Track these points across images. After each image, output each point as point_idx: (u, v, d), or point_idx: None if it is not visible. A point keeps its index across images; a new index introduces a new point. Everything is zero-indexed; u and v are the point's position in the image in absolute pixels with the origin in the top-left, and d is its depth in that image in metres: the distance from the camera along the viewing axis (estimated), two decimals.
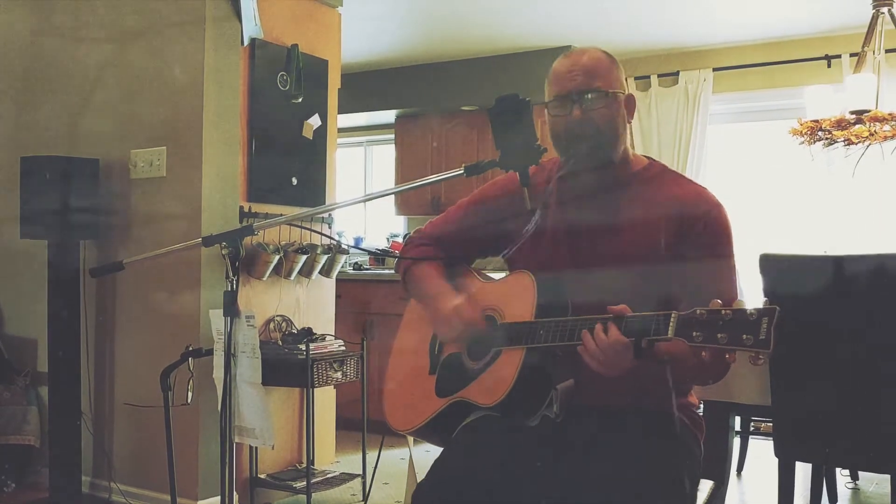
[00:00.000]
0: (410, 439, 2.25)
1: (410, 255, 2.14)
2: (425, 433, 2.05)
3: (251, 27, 3.76)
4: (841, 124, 4.07)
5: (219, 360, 2.69)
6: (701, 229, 1.82)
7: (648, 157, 1.99)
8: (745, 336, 1.47)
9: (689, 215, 1.83)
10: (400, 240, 6.45)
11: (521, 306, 1.84)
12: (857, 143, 4.08)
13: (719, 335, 1.50)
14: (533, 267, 1.89)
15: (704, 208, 1.84)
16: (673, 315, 1.57)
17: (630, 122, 1.94)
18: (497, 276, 2.07)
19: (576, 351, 1.70)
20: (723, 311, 1.51)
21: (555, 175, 1.97)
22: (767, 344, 1.46)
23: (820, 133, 4.17)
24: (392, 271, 5.66)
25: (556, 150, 1.93)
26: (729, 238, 1.85)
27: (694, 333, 1.52)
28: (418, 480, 1.89)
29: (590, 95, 1.85)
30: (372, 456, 4.09)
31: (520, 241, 1.96)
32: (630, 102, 1.94)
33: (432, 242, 2.15)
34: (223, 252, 1.98)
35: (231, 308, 1.97)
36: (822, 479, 3.44)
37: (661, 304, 1.66)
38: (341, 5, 4.31)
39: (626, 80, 1.97)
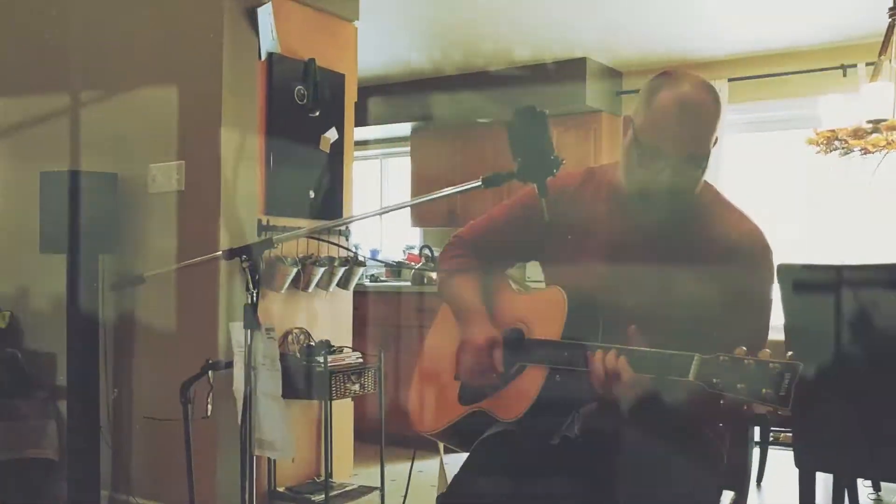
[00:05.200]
0: (441, 445, 2.26)
1: (448, 261, 2.13)
2: (445, 437, 2.05)
3: (268, 41, 3.78)
4: (857, 133, 4.05)
5: (239, 372, 2.70)
6: (746, 267, 1.78)
7: (703, 181, 1.90)
8: (764, 391, 1.44)
9: (736, 251, 1.78)
10: (416, 252, 6.46)
11: (551, 323, 1.83)
12: (873, 153, 4.07)
13: (739, 385, 1.47)
14: (569, 280, 1.87)
15: (753, 247, 1.80)
16: (696, 357, 1.54)
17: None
18: (533, 285, 2.07)
19: None
20: (745, 361, 1.48)
21: (605, 191, 1.93)
22: (787, 402, 1.42)
23: (836, 142, 4.16)
24: (409, 283, 5.68)
25: (626, 179, 1.85)
26: (771, 279, 1.83)
27: (714, 380, 1.50)
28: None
29: (684, 163, 1.75)
30: (390, 469, 4.09)
31: (554, 252, 1.96)
32: (714, 146, 1.83)
33: (470, 248, 2.13)
34: (243, 265, 1.99)
35: (251, 320, 1.98)
36: (844, 490, 3.40)
37: (691, 333, 1.65)
38: (357, 19, 4.33)
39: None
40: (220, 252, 2.10)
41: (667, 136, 1.75)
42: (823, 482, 3.13)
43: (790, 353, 1.47)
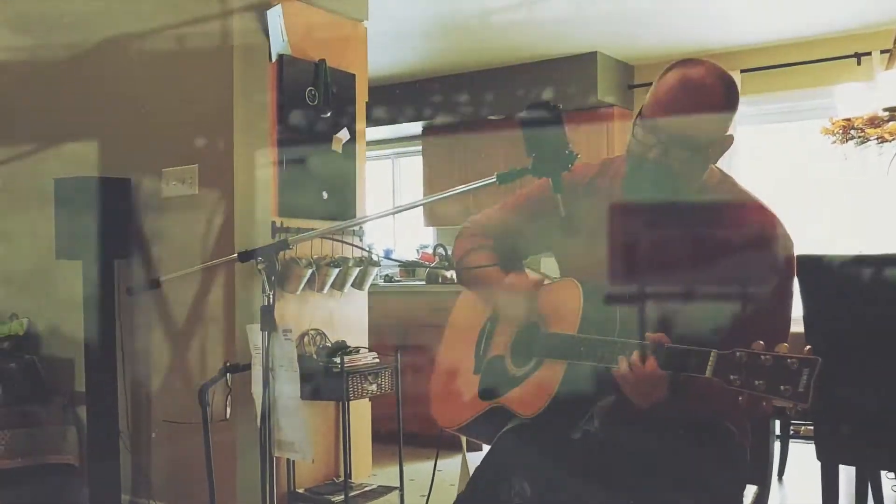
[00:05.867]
0: (464, 442, 2.25)
1: (465, 244, 2.13)
2: (468, 432, 2.04)
3: (278, 43, 3.78)
4: (874, 122, 4.03)
5: (257, 374, 2.70)
6: (768, 262, 1.75)
7: (720, 170, 1.90)
8: (783, 387, 1.42)
9: (758, 246, 1.75)
10: (429, 251, 6.45)
11: (567, 316, 1.81)
12: (890, 141, 4.04)
13: (757, 382, 1.45)
14: (584, 273, 1.85)
15: (776, 241, 1.77)
16: (712, 354, 1.52)
17: (717, 159, 1.82)
18: (549, 277, 2.05)
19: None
20: (762, 357, 1.45)
21: (619, 181, 1.90)
22: (805, 398, 1.40)
23: (852, 131, 4.14)
24: (423, 282, 5.67)
25: (627, 162, 1.84)
26: (793, 274, 1.80)
27: (731, 376, 1.48)
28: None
29: (676, 144, 1.71)
30: (409, 468, 4.08)
31: (567, 244, 1.95)
32: (727, 142, 1.79)
33: (486, 234, 2.12)
34: (259, 267, 1.99)
35: (268, 322, 1.98)
36: (867, 483, 3.38)
37: (710, 328, 1.63)
38: (366, 19, 4.33)
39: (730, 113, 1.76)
40: (236, 254, 2.10)
41: (662, 110, 1.72)
42: (846, 475, 3.10)
43: (808, 346, 1.45)
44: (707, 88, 1.72)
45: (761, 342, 1.47)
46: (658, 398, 1.62)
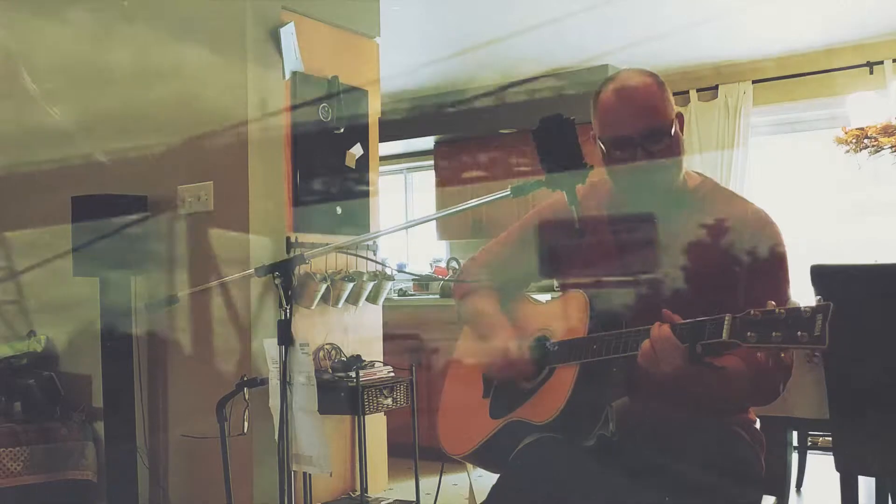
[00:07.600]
0: (469, 465, 2.25)
1: (462, 285, 2.18)
2: (479, 457, 2.04)
3: (292, 61, 3.81)
4: (887, 131, 4.02)
5: (274, 388, 2.71)
6: (756, 248, 1.82)
7: (700, 174, 2.00)
8: (799, 333, 1.46)
9: (744, 234, 1.84)
10: (443, 264, 6.46)
11: (575, 324, 1.85)
12: None
13: (774, 334, 1.49)
14: (586, 287, 1.89)
15: (759, 227, 1.85)
16: (727, 317, 1.56)
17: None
18: (546, 297, 2.08)
19: (630, 367, 1.69)
20: (777, 311, 1.50)
21: (607, 195, 1.98)
22: (822, 340, 1.44)
23: (866, 140, 4.13)
24: (437, 296, 5.68)
25: (614, 181, 1.94)
26: (784, 256, 1.85)
27: (748, 334, 1.52)
28: None
29: (653, 137, 1.83)
30: (425, 482, 4.08)
31: (572, 262, 1.97)
32: (680, 121, 1.91)
33: (484, 271, 2.17)
34: (276, 282, 2.01)
35: (286, 336, 2.00)
36: (888, 494, 3.35)
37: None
38: (378, 35, 4.36)
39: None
40: (254, 269, 2.12)
41: (618, 121, 1.86)
42: (865, 486, 3.08)
43: (818, 297, 1.47)
44: (640, 84, 1.86)
45: (772, 302, 1.52)
46: (676, 365, 1.63)
